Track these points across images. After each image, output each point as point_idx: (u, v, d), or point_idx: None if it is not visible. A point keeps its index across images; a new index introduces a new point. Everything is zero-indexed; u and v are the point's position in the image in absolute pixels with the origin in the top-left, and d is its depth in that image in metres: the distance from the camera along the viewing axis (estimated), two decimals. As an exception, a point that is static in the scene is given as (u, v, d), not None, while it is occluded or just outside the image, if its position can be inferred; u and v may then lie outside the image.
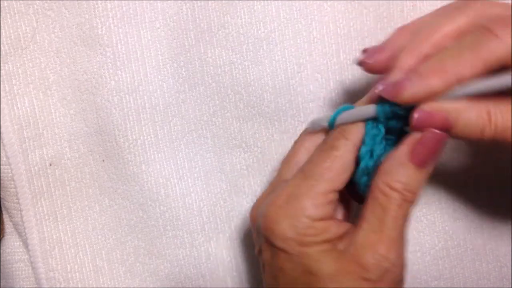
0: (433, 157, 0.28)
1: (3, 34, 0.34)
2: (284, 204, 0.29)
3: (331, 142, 0.29)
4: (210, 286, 0.38)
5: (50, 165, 0.36)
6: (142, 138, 0.36)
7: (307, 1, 0.35)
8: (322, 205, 0.28)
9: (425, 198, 0.38)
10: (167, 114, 0.36)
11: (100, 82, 0.35)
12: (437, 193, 0.38)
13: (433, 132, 0.27)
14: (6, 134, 0.35)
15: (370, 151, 0.28)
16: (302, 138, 0.33)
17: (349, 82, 0.36)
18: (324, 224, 0.28)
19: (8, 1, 0.34)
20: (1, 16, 0.34)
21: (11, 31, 0.34)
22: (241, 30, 0.35)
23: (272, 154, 0.37)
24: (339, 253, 0.28)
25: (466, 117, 0.26)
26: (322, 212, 0.28)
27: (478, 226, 0.38)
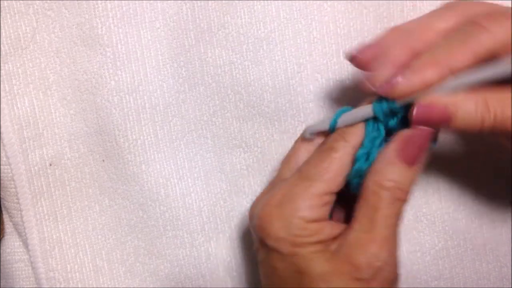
0: (421, 154, 0.28)
1: (3, 34, 0.34)
2: (278, 204, 0.29)
3: (330, 144, 0.29)
4: (210, 286, 0.38)
5: (50, 165, 0.36)
6: (142, 138, 0.36)
7: (307, 1, 0.35)
8: (317, 206, 0.28)
9: (425, 198, 0.38)
10: (167, 114, 0.36)
11: (100, 82, 0.35)
12: (437, 193, 0.38)
13: (419, 129, 0.27)
14: (6, 134, 0.35)
15: (366, 154, 0.28)
16: (302, 137, 0.33)
17: (349, 82, 0.36)
18: (317, 225, 0.28)
19: (8, 1, 0.34)
20: (1, 16, 0.34)
21: (11, 31, 0.34)
22: (241, 30, 0.35)
23: (272, 154, 0.37)
24: (332, 254, 0.28)
25: (465, 108, 0.26)
26: (316, 213, 0.28)
27: (478, 226, 0.38)
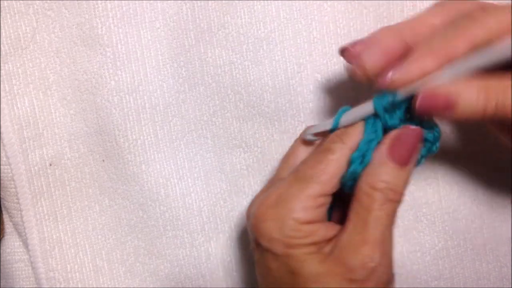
0: (411, 154, 0.28)
1: (3, 34, 0.34)
2: (273, 205, 0.28)
3: (328, 145, 0.29)
4: (210, 286, 0.38)
5: (50, 165, 0.36)
6: (142, 138, 0.36)
7: (307, 1, 0.35)
8: (311, 208, 0.28)
9: (425, 198, 0.38)
10: (167, 114, 0.36)
11: (100, 82, 0.35)
12: (437, 193, 0.38)
13: (408, 128, 0.28)
14: (6, 134, 0.35)
15: (361, 156, 0.28)
16: (302, 139, 0.32)
17: (349, 82, 0.36)
18: (311, 227, 0.28)
19: (8, 1, 0.34)
20: (1, 16, 0.34)
21: (11, 31, 0.34)
22: (241, 30, 0.35)
23: (272, 154, 0.37)
24: (325, 255, 0.28)
25: (467, 96, 0.26)
26: (311, 215, 0.28)
27: (478, 226, 0.38)
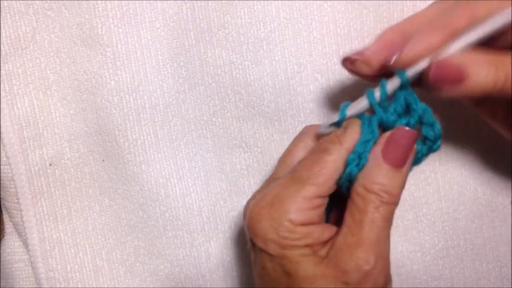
0: (406, 155, 0.28)
1: (3, 34, 0.34)
2: (268, 205, 0.28)
3: (325, 145, 0.29)
4: (210, 286, 0.38)
5: (50, 165, 0.36)
6: (142, 138, 0.36)
7: (307, 1, 0.35)
8: (307, 209, 0.28)
9: (425, 198, 0.38)
10: (167, 114, 0.36)
11: (100, 82, 0.35)
12: (437, 193, 0.38)
13: (402, 129, 0.28)
14: (6, 134, 0.35)
15: (358, 158, 0.28)
16: (301, 136, 0.32)
17: (349, 82, 0.36)
18: (306, 229, 0.28)
19: (8, 1, 0.34)
20: (1, 16, 0.34)
21: (11, 31, 0.34)
22: (241, 30, 0.35)
23: (272, 154, 0.37)
24: (320, 258, 0.28)
25: (478, 68, 0.27)
26: (305, 217, 0.28)
27: (478, 226, 0.38)
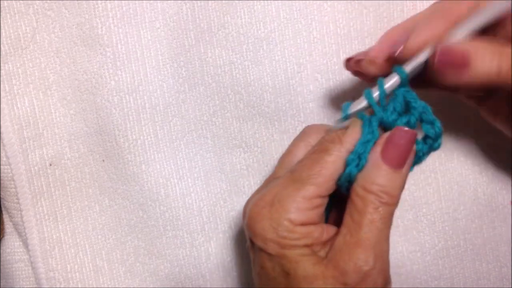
0: (405, 156, 0.27)
1: (3, 34, 0.34)
2: (268, 205, 0.28)
3: (326, 145, 0.29)
4: (210, 286, 0.38)
5: (50, 165, 0.36)
6: (142, 138, 0.36)
7: (307, 1, 0.35)
8: (306, 209, 0.28)
9: (425, 198, 0.38)
10: (167, 114, 0.36)
11: (100, 82, 0.35)
12: (437, 193, 0.38)
13: (401, 130, 0.28)
14: (6, 134, 0.35)
15: (357, 159, 0.28)
16: (302, 135, 0.32)
17: (349, 82, 0.36)
18: (305, 229, 0.28)
19: (8, 1, 0.34)
20: (1, 16, 0.34)
21: (11, 31, 0.34)
22: (241, 30, 0.35)
23: (272, 154, 0.37)
24: (319, 258, 0.27)
25: (482, 56, 0.27)
26: (305, 217, 0.28)
27: (478, 226, 0.38)
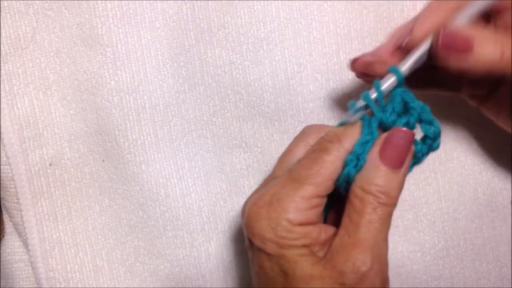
0: (403, 157, 0.27)
1: (3, 34, 0.34)
2: (267, 204, 0.28)
3: (325, 145, 0.29)
4: (210, 286, 0.38)
5: (50, 165, 0.36)
6: (142, 138, 0.36)
7: (307, 1, 0.35)
8: (305, 209, 0.28)
9: (425, 198, 0.38)
10: (167, 114, 0.36)
11: (100, 82, 0.35)
12: (437, 193, 0.38)
13: (399, 130, 0.27)
14: (6, 134, 0.35)
15: (356, 159, 0.28)
16: (301, 135, 0.32)
17: (349, 82, 0.36)
18: (304, 229, 0.28)
19: (8, 1, 0.34)
20: (1, 16, 0.34)
21: (11, 31, 0.34)
22: (241, 30, 0.35)
23: (272, 154, 0.37)
24: (317, 258, 0.27)
25: (486, 40, 0.27)
26: (303, 216, 0.28)
27: (478, 226, 0.38)
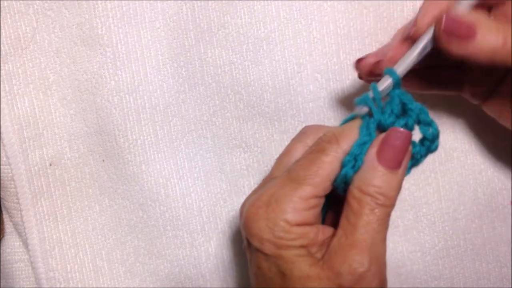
0: (401, 157, 0.27)
1: (3, 34, 0.34)
2: (265, 205, 0.28)
3: (323, 145, 0.29)
4: (210, 286, 0.38)
5: (50, 165, 0.36)
6: (142, 138, 0.36)
7: (307, 1, 0.35)
8: (303, 210, 0.28)
9: (425, 198, 0.38)
10: (167, 114, 0.36)
11: (100, 82, 0.35)
12: (437, 193, 0.38)
13: (397, 130, 0.27)
14: (6, 134, 0.35)
15: (353, 160, 0.28)
16: (300, 136, 0.32)
17: (349, 82, 0.36)
18: (302, 229, 0.28)
19: (8, 1, 0.34)
20: (1, 16, 0.34)
21: (11, 31, 0.34)
22: (241, 30, 0.35)
23: (272, 154, 0.37)
24: (315, 259, 0.27)
25: (488, 27, 0.27)
26: (301, 217, 0.28)
27: (478, 226, 0.38)
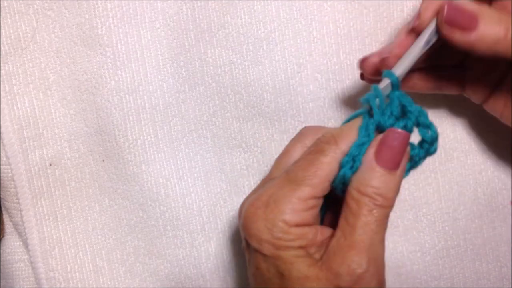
0: (398, 158, 0.27)
1: (3, 34, 0.34)
2: (263, 205, 0.28)
3: (322, 146, 0.29)
4: (210, 286, 0.38)
5: (50, 165, 0.36)
6: (142, 138, 0.36)
7: (307, 1, 0.35)
8: (301, 210, 0.28)
9: (425, 198, 0.38)
10: (167, 114, 0.36)
11: (100, 82, 0.35)
12: (437, 193, 0.38)
13: (394, 131, 0.27)
14: (6, 134, 0.35)
15: (352, 161, 0.28)
16: (299, 136, 0.32)
17: (349, 82, 0.36)
18: (300, 230, 0.28)
19: (8, 1, 0.34)
20: (1, 16, 0.34)
21: (11, 31, 0.34)
22: (241, 30, 0.35)
23: (272, 154, 0.37)
24: (314, 260, 0.27)
25: (490, 17, 0.27)
26: (300, 218, 0.28)
27: (478, 226, 0.38)
